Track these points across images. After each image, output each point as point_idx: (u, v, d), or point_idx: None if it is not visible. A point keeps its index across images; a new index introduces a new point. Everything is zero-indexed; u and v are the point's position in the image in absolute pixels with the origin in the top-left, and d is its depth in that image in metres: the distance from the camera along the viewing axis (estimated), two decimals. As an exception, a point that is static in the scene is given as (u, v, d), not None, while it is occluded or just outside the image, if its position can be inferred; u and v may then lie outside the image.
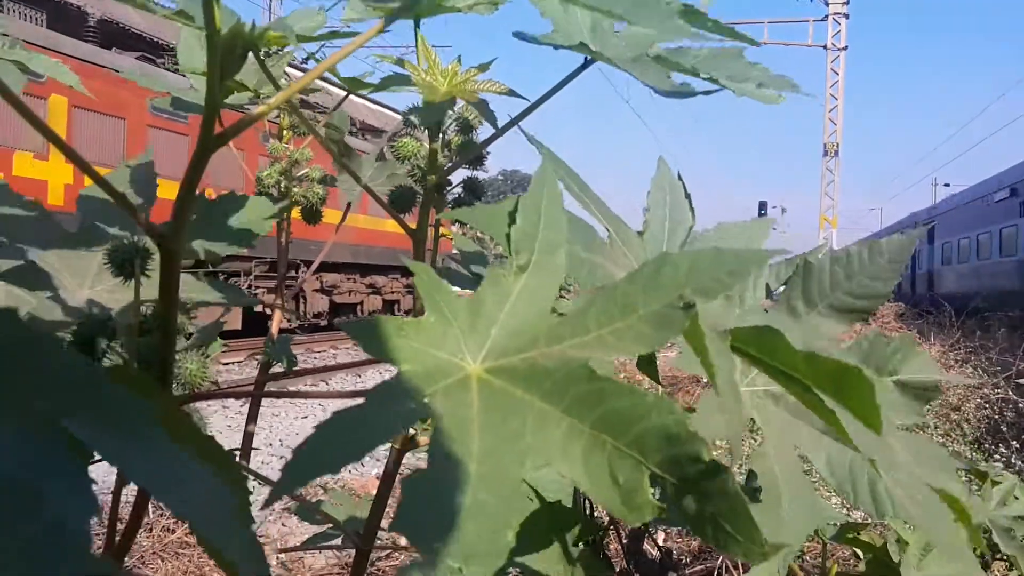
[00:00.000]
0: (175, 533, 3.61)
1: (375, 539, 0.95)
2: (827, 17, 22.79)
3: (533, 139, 0.78)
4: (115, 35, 12.43)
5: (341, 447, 0.41)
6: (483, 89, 0.85)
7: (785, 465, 0.75)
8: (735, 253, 0.49)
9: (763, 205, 30.85)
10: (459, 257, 1.04)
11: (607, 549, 1.75)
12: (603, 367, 0.48)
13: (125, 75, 1.14)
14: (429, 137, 0.89)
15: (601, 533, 1.65)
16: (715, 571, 2.41)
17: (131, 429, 0.38)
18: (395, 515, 0.39)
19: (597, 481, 0.44)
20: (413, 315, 0.87)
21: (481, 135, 0.93)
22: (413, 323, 0.51)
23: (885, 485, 0.78)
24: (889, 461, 0.63)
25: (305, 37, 0.75)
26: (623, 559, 1.83)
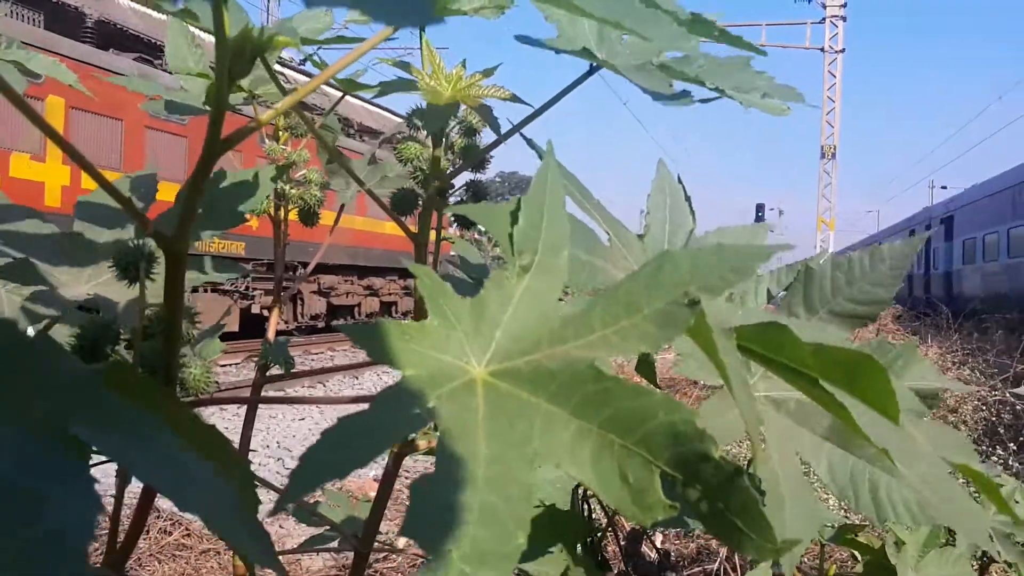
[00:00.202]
0: (172, 535, 3.61)
1: (374, 541, 0.95)
2: (824, 20, 22.83)
3: (531, 142, 0.78)
4: (113, 36, 12.43)
5: (348, 452, 0.41)
6: (487, 95, 0.85)
7: (787, 469, 0.75)
8: (737, 250, 0.49)
9: (760, 207, 30.89)
10: (457, 261, 1.04)
11: (605, 551, 1.75)
12: (604, 367, 0.48)
13: (121, 81, 1.13)
14: (432, 141, 0.89)
15: (599, 535, 1.65)
16: (713, 573, 2.41)
17: (134, 427, 0.38)
18: (404, 521, 0.39)
19: (607, 482, 0.44)
20: (412, 317, 0.87)
21: (483, 138, 0.93)
22: (416, 327, 0.51)
23: (887, 490, 0.78)
24: (906, 450, 0.62)
25: (310, 41, 0.75)
26: (621, 561, 1.83)
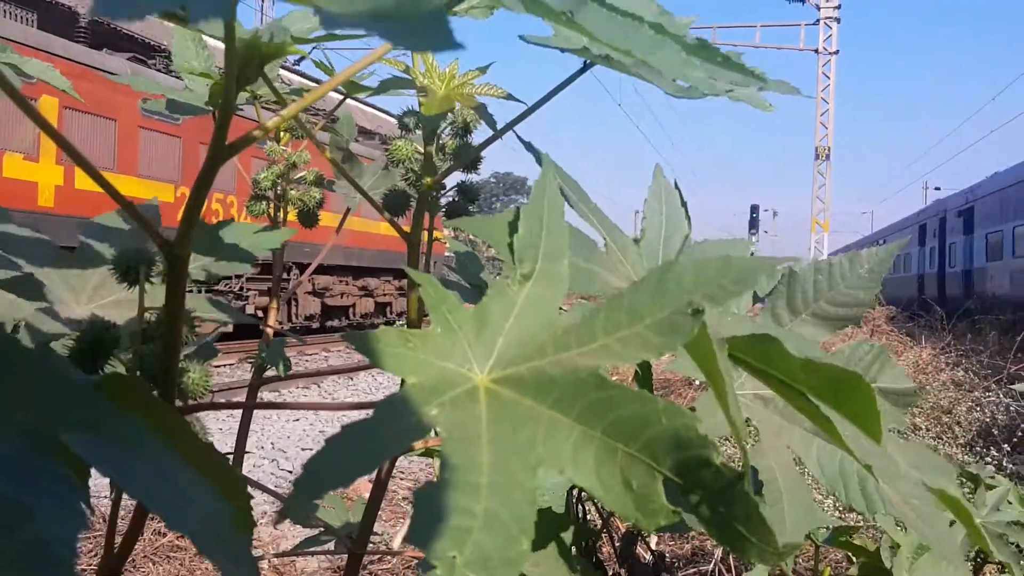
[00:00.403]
0: (166, 537, 3.60)
1: (368, 543, 0.95)
2: (818, 21, 22.89)
3: (531, 147, 0.78)
4: (106, 36, 12.40)
5: (352, 461, 0.41)
6: (481, 93, 0.85)
7: (782, 465, 0.76)
8: (741, 261, 0.49)
9: (755, 208, 30.93)
10: (453, 261, 1.04)
11: (600, 553, 1.76)
12: (607, 375, 0.49)
13: (119, 79, 1.13)
14: (424, 140, 0.89)
15: (594, 537, 1.66)
16: (708, 575, 2.41)
17: (128, 440, 0.38)
18: (409, 528, 0.40)
19: (610, 488, 0.44)
20: (407, 317, 0.87)
21: (475, 137, 0.93)
22: (419, 334, 0.51)
23: (875, 484, 0.79)
24: (886, 469, 0.63)
25: (302, 39, 0.75)
26: (616, 563, 1.83)
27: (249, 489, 0.74)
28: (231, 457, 1.19)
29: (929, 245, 23.80)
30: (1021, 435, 5.08)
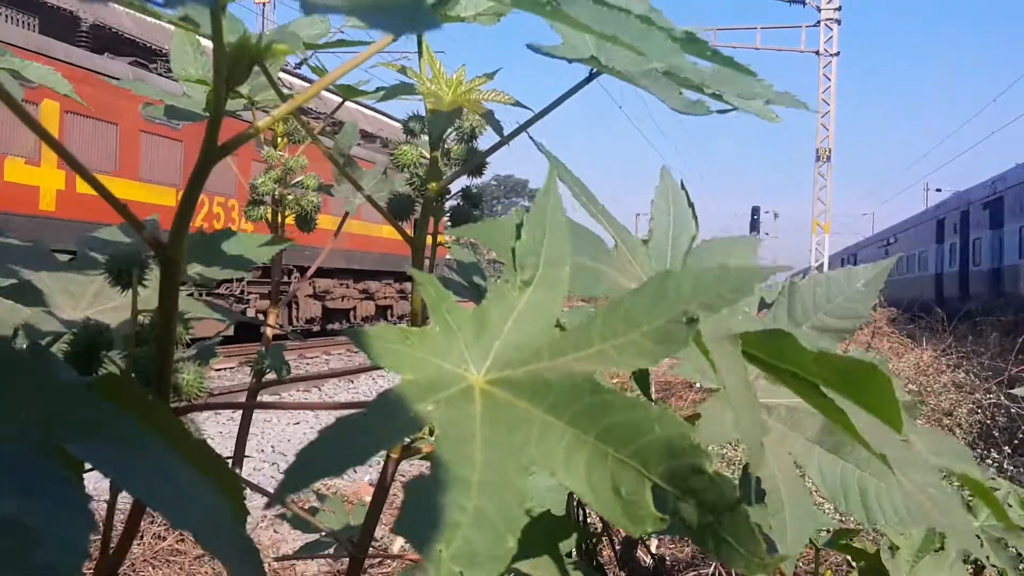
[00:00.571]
0: (166, 540, 3.60)
1: (369, 546, 0.94)
2: (819, 23, 22.90)
3: (542, 148, 0.78)
4: (107, 40, 12.44)
5: (344, 451, 0.41)
6: (488, 99, 0.85)
7: (785, 472, 0.77)
8: (738, 270, 0.49)
9: (756, 210, 30.95)
10: (454, 264, 1.04)
11: (600, 556, 1.75)
12: (602, 380, 0.49)
13: (121, 84, 1.13)
14: (431, 145, 0.89)
15: (594, 540, 1.65)
16: (709, 578, 2.41)
17: (126, 440, 0.38)
18: (397, 517, 0.40)
19: (600, 492, 0.44)
20: (408, 320, 0.87)
21: (479, 142, 0.93)
22: (418, 333, 0.51)
23: (876, 494, 0.81)
24: (901, 458, 0.63)
25: (312, 45, 0.75)
26: (616, 566, 1.83)
27: (248, 493, 0.74)
28: (230, 461, 1.18)
29: (949, 242, 21.57)
30: (1022, 437, 5.08)
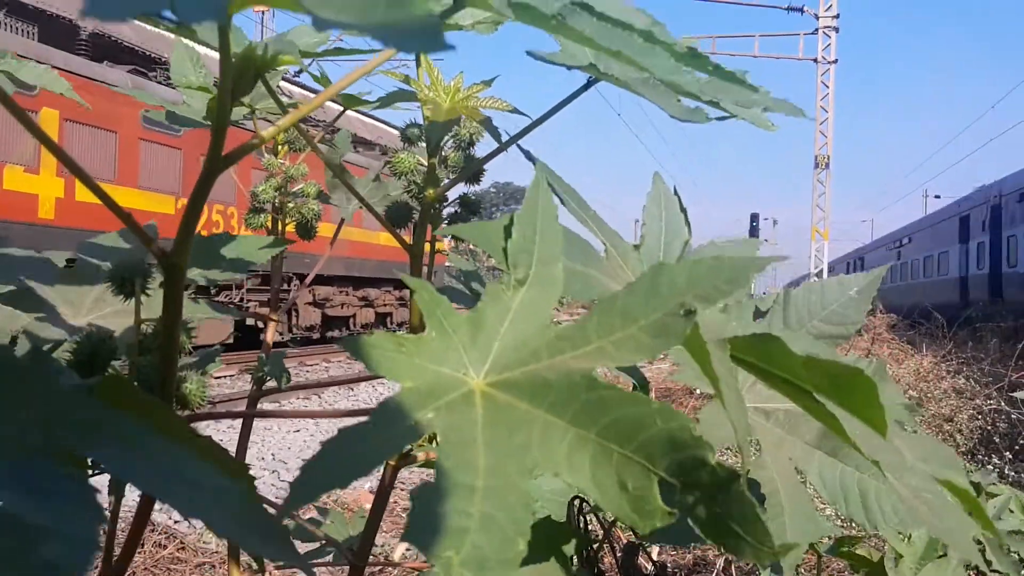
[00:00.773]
0: (167, 549, 3.59)
1: (369, 554, 0.94)
2: (817, 31, 22.93)
3: (528, 154, 0.78)
4: (106, 48, 12.45)
5: (348, 464, 0.41)
6: (486, 106, 0.85)
7: (784, 476, 0.77)
8: (732, 261, 0.49)
9: (755, 217, 30.94)
10: (455, 271, 1.04)
11: (601, 563, 1.75)
12: (600, 377, 0.49)
13: (121, 90, 1.13)
14: (428, 153, 0.89)
15: (595, 547, 1.65)
16: (710, 584, 2.40)
17: (130, 437, 0.38)
18: (406, 527, 0.40)
19: (606, 489, 0.44)
20: (407, 328, 0.87)
21: (476, 150, 0.94)
22: (414, 339, 0.51)
23: (876, 496, 0.81)
24: (895, 464, 0.63)
25: (310, 54, 0.75)
26: (617, 573, 1.83)
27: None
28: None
29: (976, 240, 18.87)
30: (1023, 443, 5.07)
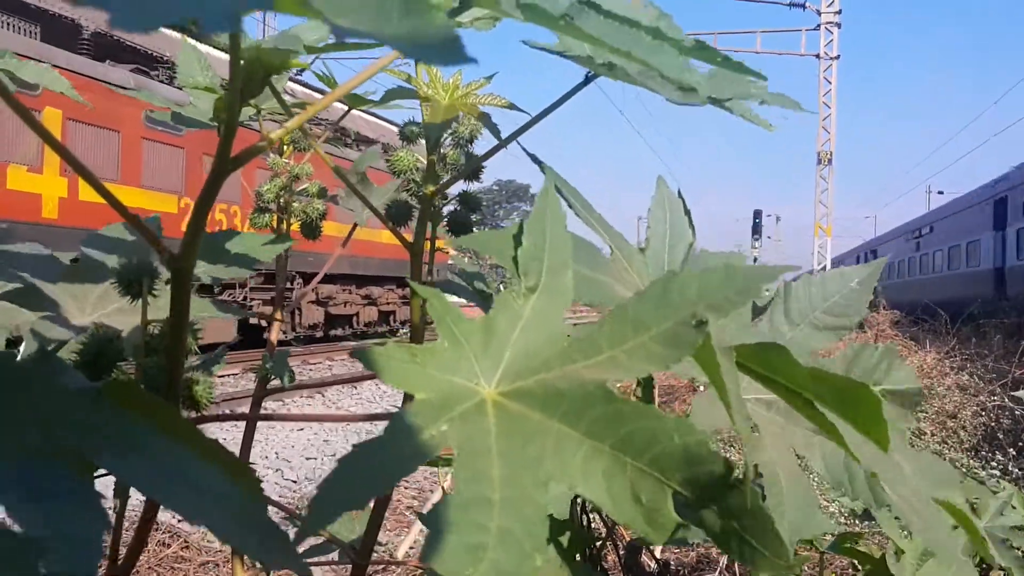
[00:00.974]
0: (170, 548, 3.60)
1: (372, 553, 0.95)
2: (819, 26, 22.87)
3: (535, 158, 0.78)
4: (109, 48, 12.44)
5: (365, 481, 0.41)
6: (484, 102, 0.85)
7: (785, 466, 0.77)
8: (745, 270, 0.49)
9: (758, 214, 30.88)
10: (456, 268, 1.04)
11: (604, 561, 1.75)
12: (614, 388, 0.49)
13: (125, 90, 1.14)
14: (427, 150, 0.89)
15: (598, 545, 1.65)
16: (714, 582, 2.40)
17: (136, 440, 0.38)
18: (424, 546, 0.40)
19: (620, 501, 0.44)
20: (411, 323, 0.87)
21: (475, 147, 0.94)
22: (426, 349, 0.51)
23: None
24: (890, 474, 0.63)
25: (313, 49, 0.76)
26: (621, 571, 1.83)
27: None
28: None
29: (1014, 226, 16.73)
30: (1027, 439, 5.07)
